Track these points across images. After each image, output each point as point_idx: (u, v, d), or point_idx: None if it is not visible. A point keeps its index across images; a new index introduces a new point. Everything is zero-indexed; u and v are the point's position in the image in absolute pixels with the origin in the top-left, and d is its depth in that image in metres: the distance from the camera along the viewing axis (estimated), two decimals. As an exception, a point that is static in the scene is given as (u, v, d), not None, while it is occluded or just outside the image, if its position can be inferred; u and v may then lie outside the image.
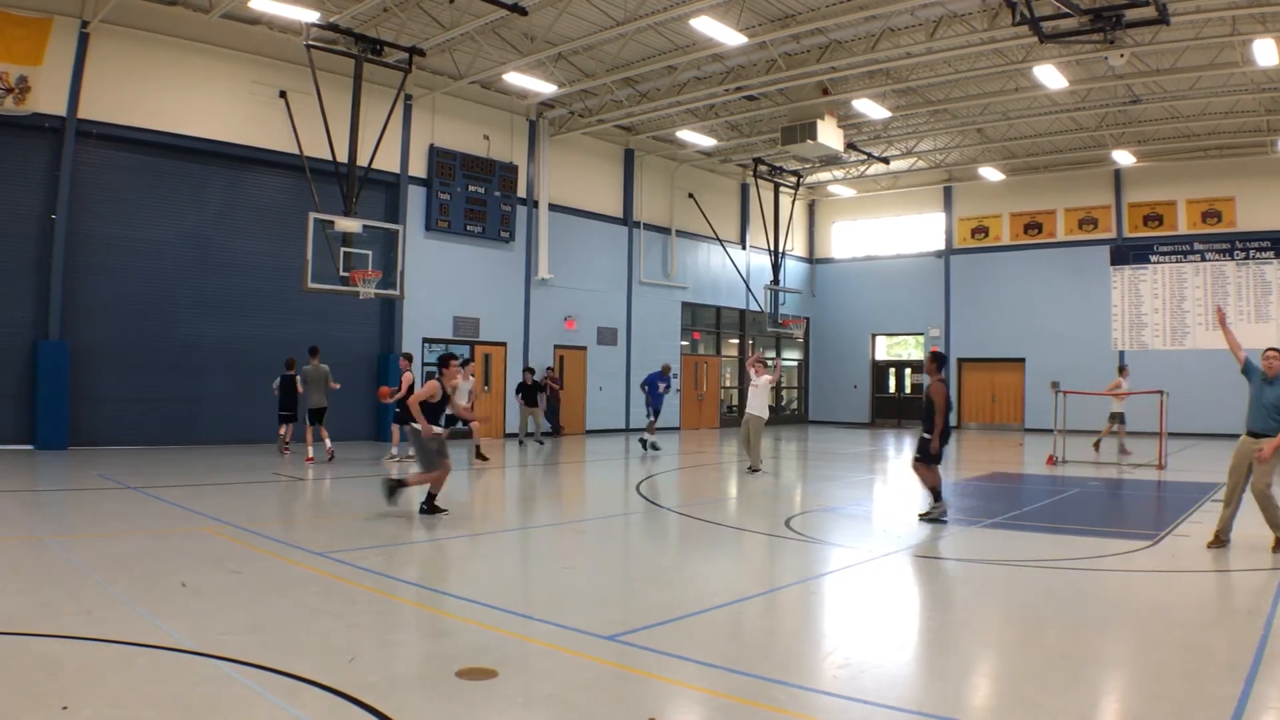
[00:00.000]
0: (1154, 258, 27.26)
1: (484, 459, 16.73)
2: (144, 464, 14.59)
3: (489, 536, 9.80)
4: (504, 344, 23.40)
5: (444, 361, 10.62)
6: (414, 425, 10.05)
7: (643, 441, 19.64)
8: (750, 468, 15.31)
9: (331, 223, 16.77)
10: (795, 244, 33.17)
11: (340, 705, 4.20)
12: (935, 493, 10.41)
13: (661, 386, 20.21)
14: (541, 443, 20.89)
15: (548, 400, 24.05)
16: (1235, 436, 8.79)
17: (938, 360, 10.73)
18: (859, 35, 18.89)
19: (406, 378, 15.21)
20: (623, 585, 7.48)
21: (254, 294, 18.86)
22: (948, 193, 31.32)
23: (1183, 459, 18.43)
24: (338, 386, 16.46)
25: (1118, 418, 19.59)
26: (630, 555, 9.02)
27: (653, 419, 19.98)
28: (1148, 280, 27.33)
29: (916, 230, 32.31)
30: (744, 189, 31.20)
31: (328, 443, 16.03)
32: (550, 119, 24.21)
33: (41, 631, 5.19)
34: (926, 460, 10.42)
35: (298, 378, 16.47)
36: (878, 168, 29.84)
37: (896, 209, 32.62)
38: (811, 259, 34.56)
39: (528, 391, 20.62)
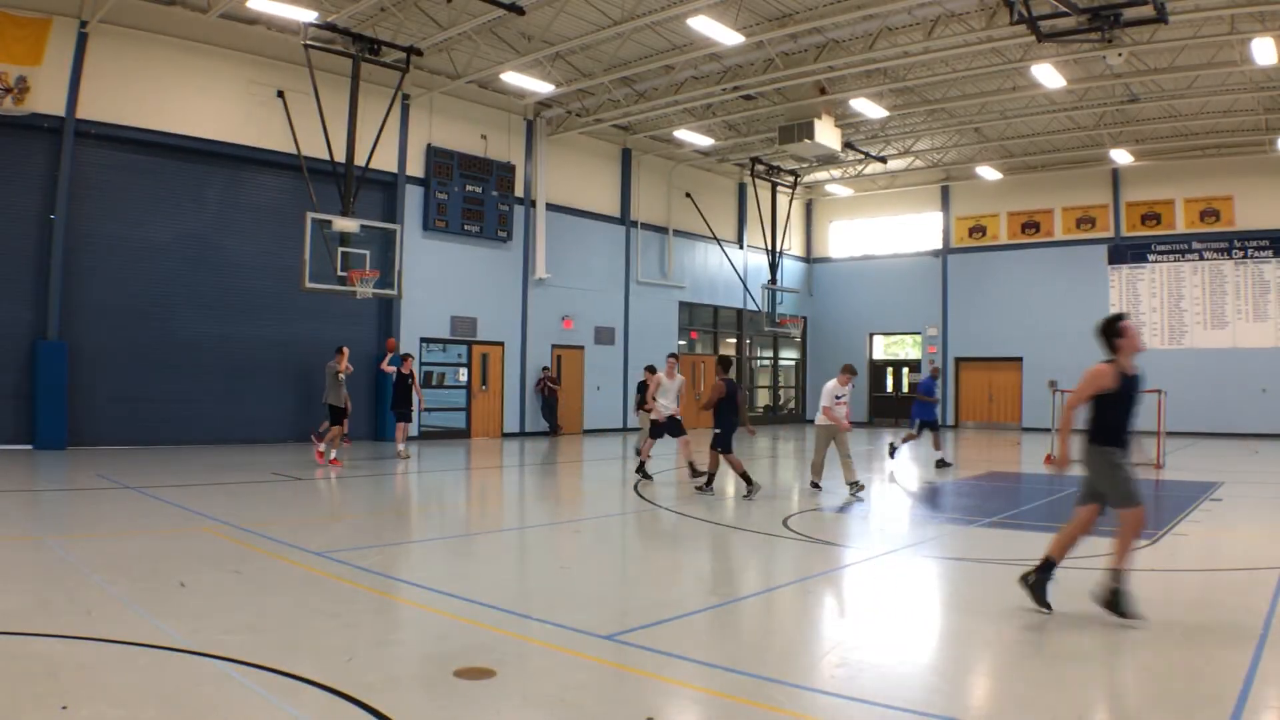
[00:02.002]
0: (1152, 257, 27.30)
1: (704, 481, 12.98)
2: (143, 464, 14.58)
3: (488, 536, 9.80)
4: (501, 344, 23.40)
5: (1113, 328, 6.11)
6: (1101, 449, 6.00)
7: (941, 462, 16.39)
8: (845, 484, 12.27)
9: (329, 222, 16.76)
10: (793, 243, 33.17)
11: (339, 705, 4.21)
12: (745, 478, 12.18)
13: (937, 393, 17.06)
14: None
15: (544, 401, 24.09)
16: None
17: (723, 363, 13.07)
18: (856, 34, 18.89)
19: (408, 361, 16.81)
20: (621, 584, 7.48)
21: (252, 294, 18.86)
22: (945, 192, 31.33)
23: (1181, 458, 18.44)
24: (336, 397, 15.42)
25: None
26: (628, 554, 9.02)
27: (935, 434, 16.85)
28: (1145, 279, 27.36)
29: (914, 229, 32.33)
30: (741, 188, 31.20)
31: (318, 446, 15.41)
32: (547, 118, 24.21)
33: (41, 631, 5.19)
34: (720, 448, 12.42)
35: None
36: (875, 167, 29.86)
37: (894, 208, 32.63)
38: (809, 258, 34.58)
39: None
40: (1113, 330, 6.12)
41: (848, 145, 25.84)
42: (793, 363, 34.49)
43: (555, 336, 24.72)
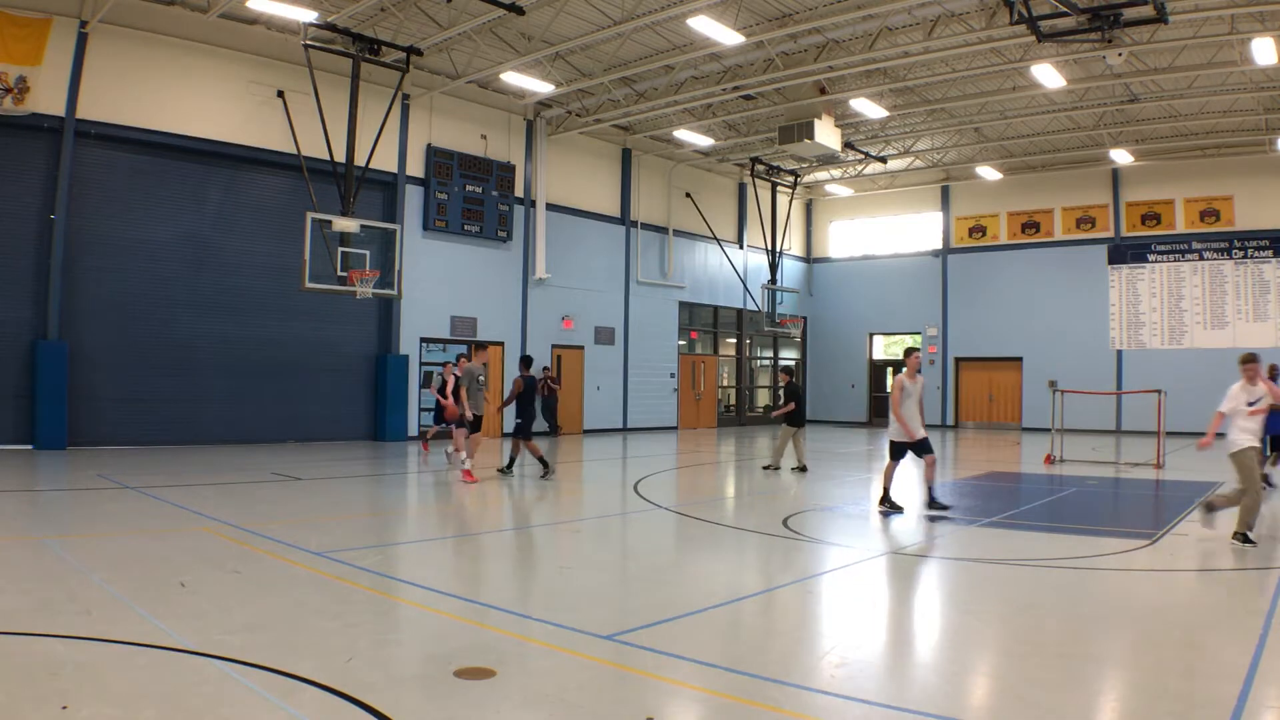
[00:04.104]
0: (1152, 257, 27.30)
1: (942, 508, 10.78)
2: (143, 464, 14.58)
3: (488, 536, 9.81)
4: (501, 343, 23.40)
5: None
6: None
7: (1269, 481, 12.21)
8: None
9: (329, 222, 16.76)
10: (793, 243, 33.19)
11: (339, 705, 4.21)
12: (512, 460, 14.44)
13: None
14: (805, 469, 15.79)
15: (544, 401, 24.06)
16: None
17: (525, 361, 14.58)
18: (856, 34, 18.89)
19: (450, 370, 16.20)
20: (621, 584, 7.48)
21: (252, 294, 18.87)
22: (945, 192, 31.34)
23: (1181, 458, 18.44)
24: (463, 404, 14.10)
25: None
26: (628, 554, 9.02)
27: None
28: (1145, 279, 27.36)
29: (914, 229, 32.34)
30: (741, 188, 31.21)
31: (463, 467, 13.71)
32: (547, 119, 24.21)
33: (41, 631, 5.19)
34: (518, 436, 14.24)
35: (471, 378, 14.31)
36: (875, 167, 29.86)
37: (894, 208, 32.64)
38: (809, 258, 34.58)
39: (793, 399, 15.80)
40: None
41: (848, 145, 25.85)
42: (793, 363, 34.48)
43: (555, 336, 24.72)
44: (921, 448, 10.90)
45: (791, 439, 15.92)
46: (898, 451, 11.03)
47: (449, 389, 15.59)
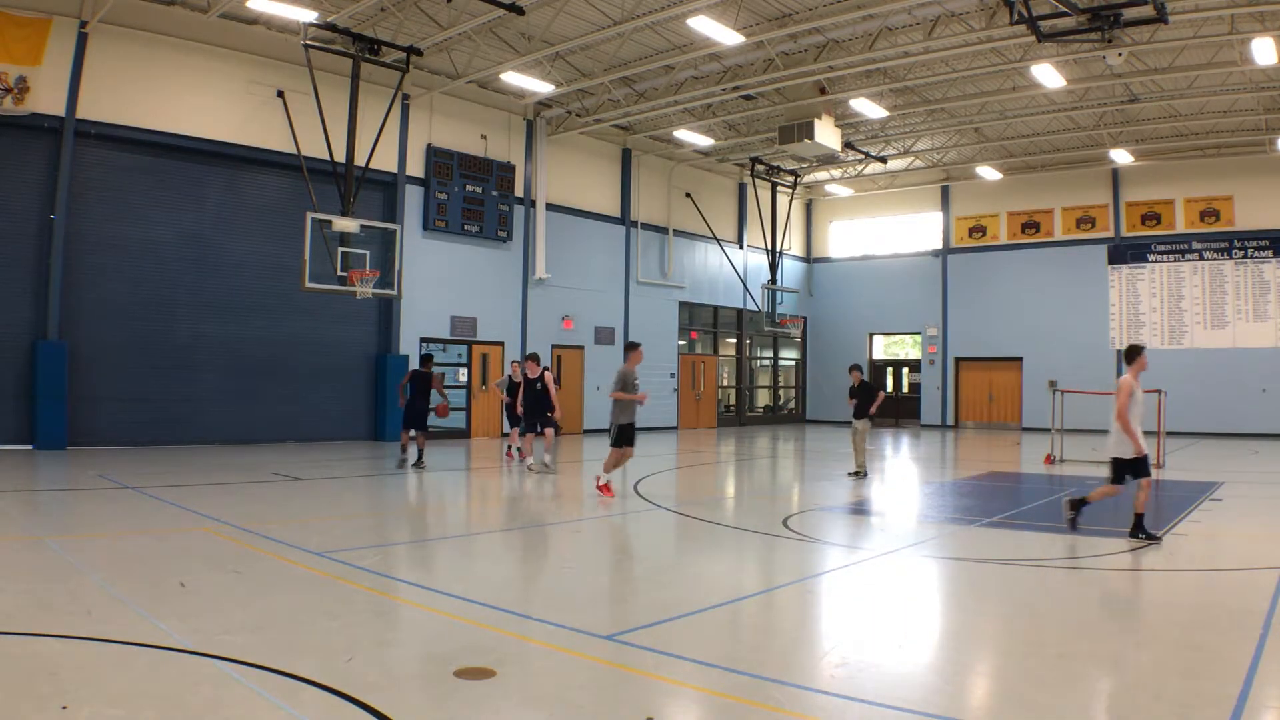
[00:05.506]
0: (1152, 257, 27.30)
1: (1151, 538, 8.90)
2: (143, 464, 14.58)
3: (488, 536, 9.81)
4: (501, 344, 23.40)
5: None
6: None
7: None
8: None
9: (329, 222, 16.77)
10: (793, 243, 33.19)
11: (339, 705, 4.21)
12: (419, 454, 15.31)
13: None
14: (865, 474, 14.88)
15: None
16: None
17: (426, 359, 15.87)
18: (856, 34, 18.90)
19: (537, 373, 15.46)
20: (621, 584, 7.48)
21: (252, 294, 18.87)
22: (945, 192, 31.33)
23: (1181, 458, 18.44)
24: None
25: None
26: (628, 554, 9.02)
27: None
28: (1145, 279, 27.36)
29: (914, 229, 32.33)
30: (741, 188, 31.21)
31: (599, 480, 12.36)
32: (548, 119, 24.21)
33: (41, 631, 5.19)
34: (416, 428, 15.26)
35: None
36: (875, 167, 29.86)
37: (894, 208, 32.63)
38: (809, 258, 34.57)
39: (865, 398, 14.66)
40: None
41: (848, 145, 25.84)
42: (793, 363, 34.48)
43: (555, 336, 24.72)
44: (1141, 468, 9.00)
45: (852, 436, 14.86)
46: (1125, 471, 9.06)
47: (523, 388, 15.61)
